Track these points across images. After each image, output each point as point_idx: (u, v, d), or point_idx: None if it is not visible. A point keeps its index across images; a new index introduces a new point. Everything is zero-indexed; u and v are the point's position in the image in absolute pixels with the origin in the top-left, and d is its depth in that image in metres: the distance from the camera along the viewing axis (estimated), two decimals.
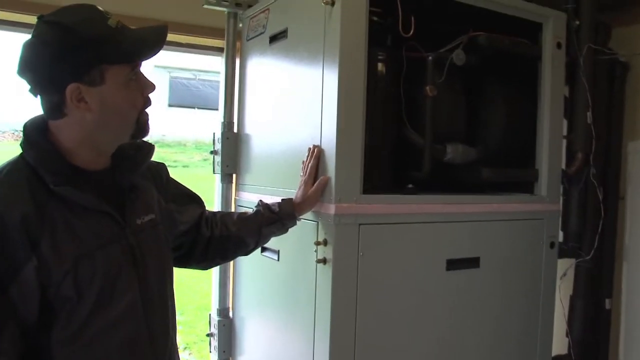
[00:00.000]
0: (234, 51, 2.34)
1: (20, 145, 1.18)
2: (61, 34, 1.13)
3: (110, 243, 1.20)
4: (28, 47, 1.15)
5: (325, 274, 1.67)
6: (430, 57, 1.87)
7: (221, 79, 2.37)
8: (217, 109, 2.47)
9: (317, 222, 1.72)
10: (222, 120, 2.34)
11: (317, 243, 1.68)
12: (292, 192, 1.75)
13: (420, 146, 1.90)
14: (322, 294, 1.68)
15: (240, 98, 2.29)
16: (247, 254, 1.75)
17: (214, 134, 2.35)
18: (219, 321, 2.33)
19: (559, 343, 2.26)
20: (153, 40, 1.23)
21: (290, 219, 1.70)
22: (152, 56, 1.23)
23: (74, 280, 1.13)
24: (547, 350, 2.16)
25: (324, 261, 1.66)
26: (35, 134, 1.19)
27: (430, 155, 1.88)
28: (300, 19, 1.86)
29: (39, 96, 1.18)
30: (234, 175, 2.32)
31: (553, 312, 2.16)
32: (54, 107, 1.17)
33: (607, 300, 2.45)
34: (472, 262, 1.92)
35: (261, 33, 2.10)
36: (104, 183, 1.25)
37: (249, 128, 2.23)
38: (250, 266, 2.18)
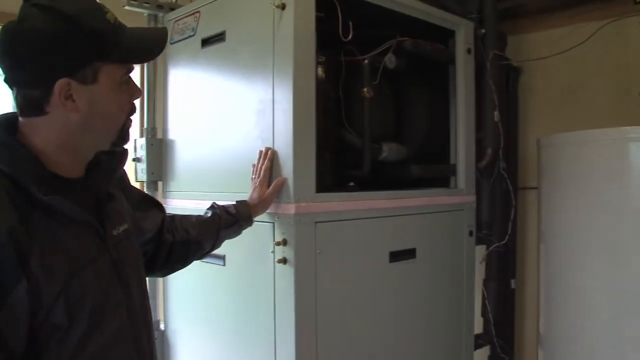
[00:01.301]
0: None
1: None
2: (57, 22, 0.99)
3: (97, 258, 1.09)
4: (12, 31, 0.99)
5: (286, 274, 1.69)
6: (366, 61, 1.96)
7: (142, 84, 2.30)
8: None
9: (274, 223, 1.74)
10: (145, 126, 2.27)
11: (277, 243, 1.70)
12: (231, 195, 1.75)
13: (359, 146, 1.99)
14: (283, 295, 1.70)
15: (164, 103, 2.24)
16: (202, 257, 1.71)
17: (135, 140, 2.27)
18: None
19: (476, 323, 2.46)
20: (153, 42, 1.14)
21: (247, 221, 1.70)
22: (150, 60, 1.15)
23: (66, 303, 0.99)
24: (471, 330, 2.35)
25: (284, 261, 1.69)
26: (4, 135, 1.03)
27: (369, 154, 1.98)
28: (241, 22, 1.86)
29: (15, 89, 1.03)
30: (160, 183, 2.26)
31: (474, 295, 2.35)
32: (34, 103, 1.02)
33: (512, 281, 2.72)
34: (410, 253, 2.04)
35: (190, 36, 2.07)
36: (79, 192, 1.11)
37: (176, 134, 2.18)
38: (185, 274, 2.12)
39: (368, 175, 2.00)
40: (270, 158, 1.72)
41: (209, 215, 1.67)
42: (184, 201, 2.06)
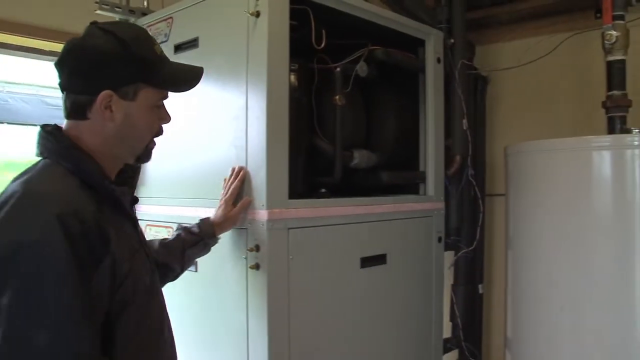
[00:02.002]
0: None
1: (45, 151, 1.17)
2: (114, 43, 1.17)
3: (139, 249, 1.26)
4: (75, 45, 1.18)
5: (259, 279, 1.70)
6: (338, 69, 1.99)
7: None
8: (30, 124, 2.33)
9: (247, 229, 1.75)
10: None
11: (250, 249, 1.71)
12: (202, 202, 1.78)
13: (330, 153, 2.01)
14: (256, 301, 1.71)
15: None
16: (174, 279, 1.70)
17: None
18: None
19: (444, 327, 2.50)
20: (191, 77, 1.35)
21: (211, 238, 1.71)
22: (184, 90, 1.36)
23: (131, 281, 1.16)
24: (440, 334, 2.39)
25: (257, 267, 1.70)
26: (67, 140, 1.19)
27: (341, 161, 2.00)
28: (215, 29, 1.87)
29: (67, 94, 1.19)
30: None
31: (442, 299, 2.39)
32: (80, 107, 1.19)
33: (480, 286, 2.78)
34: (381, 259, 2.07)
35: (163, 42, 2.07)
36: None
37: None
38: None
39: (339, 182, 2.02)
40: (241, 178, 1.73)
41: (172, 238, 1.68)
42: (154, 207, 2.06)
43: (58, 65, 1.19)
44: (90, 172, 1.17)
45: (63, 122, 1.24)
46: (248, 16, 1.71)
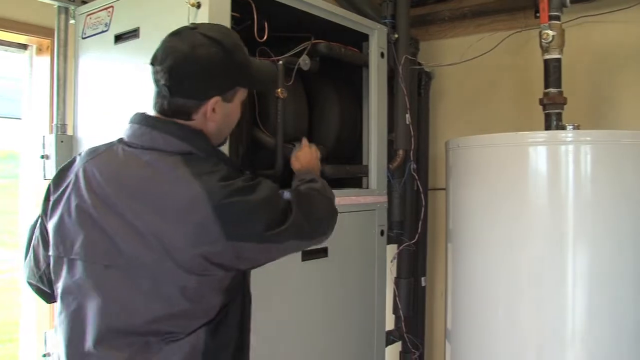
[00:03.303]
0: (66, 49, 2.21)
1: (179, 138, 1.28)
2: (222, 54, 1.30)
3: None
4: (189, 54, 1.27)
5: None
6: (280, 62, 1.99)
7: (52, 78, 2.23)
8: None
9: None
10: (55, 122, 2.20)
11: None
12: None
13: (272, 145, 2.01)
14: None
15: (74, 99, 2.18)
16: None
17: (43, 137, 2.21)
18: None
19: (387, 319, 2.53)
20: (272, 75, 1.58)
21: None
22: (267, 89, 1.74)
23: None
24: (382, 327, 2.42)
25: None
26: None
27: (282, 154, 2.00)
28: (156, 19, 1.85)
29: (170, 97, 1.28)
30: None
31: (385, 292, 2.42)
32: (185, 110, 1.30)
33: (422, 279, 2.82)
34: (322, 252, 2.08)
35: (103, 31, 2.03)
36: None
37: (87, 130, 2.14)
38: None
39: (281, 175, 2.02)
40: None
41: None
42: None
43: (168, 70, 1.26)
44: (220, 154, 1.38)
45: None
46: (189, 7, 1.70)
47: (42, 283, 1.42)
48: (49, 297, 1.44)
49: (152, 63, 1.31)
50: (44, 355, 2.21)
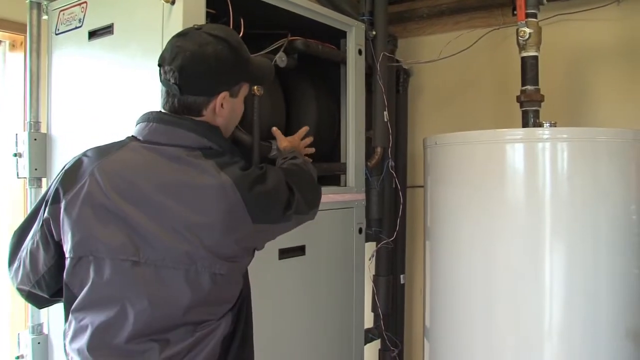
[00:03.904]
0: (39, 45, 2.18)
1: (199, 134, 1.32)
2: (228, 51, 1.35)
3: None
4: (197, 53, 1.31)
5: None
6: None
7: (25, 75, 2.20)
8: None
9: None
10: (28, 119, 2.17)
11: None
12: None
13: (248, 143, 1.99)
14: None
15: (48, 96, 2.15)
16: None
17: (16, 134, 2.17)
18: (33, 339, 2.14)
19: (366, 317, 2.53)
20: (269, 70, 1.58)
21: None
22: (267, 84, 1.72)
23: None
24: (361, 325, 2.42)
25: None
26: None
27: (259, 152, 1.99)
28: (130, 15, 1.83)
29: (180, 94, 1.32)
30: (44, 179, 2.16)
31: (364, 290, 2.42)
32: (195, 107, 1.35)
33: (401, 276, 2.82)
34: (299, 250, 2.08)
35: (77, 27, 2.01)
36: None
37: (61, 128, 2.11)
38: None
39: None
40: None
41: None
42: None
43: (178, 69, 1.30)
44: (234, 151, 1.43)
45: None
46: (163, 3, 1.68)
47: (38, 288, 1.40)
48: (43, 302, 1.45)
49: (161, 64, 1.35)
50: (17, 358, 2.18)
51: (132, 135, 1.38)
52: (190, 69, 1.31)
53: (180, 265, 1.23)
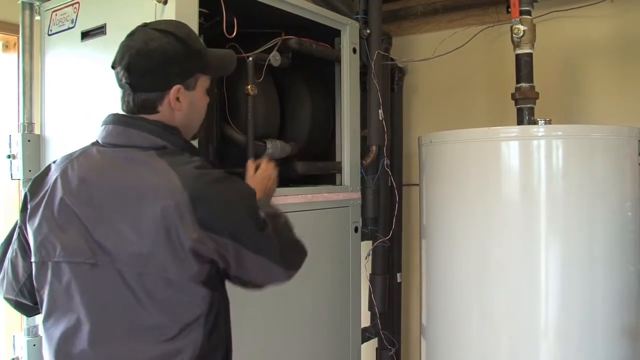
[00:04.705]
0: (32, 46, 2.17)
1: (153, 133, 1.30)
2: (176, 43, 1.32)
3: None
4: (142, 49, 1.29)
5: None
6: (250, 58, 1.97)
7: (18, 76, 2.19)
8: None
9: None
10: (22, 121, 2.16)
11: None
12: None
13: (242, 143, 1.99)
14: None
15: (41, 97, 2.14)
16: None
17: (10, 136, 2.16)
18: (28, 341, 2.13)
19: (363, 316, 2.52)
20: (229, 61, 1.51)
21: None
22: (227, 74, 1.67)
23: None
24: (358, 324, 2.42)
25: None
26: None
27: (253, 152, 1.98)
28: (122, 15, 1.82)
29: (134, 93, 1.31)
30: None
31: (360, 289, 2.42)
32: (150, 103, 1.32)
33: (398, 275, 2.82)
34: None
35: (69, 28, 2.00)
36: None
37: (55, 129, 2.10)
38: None
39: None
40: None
41: None
42: None
43: (126, 68, 1.29)
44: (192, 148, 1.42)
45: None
46: (155, 3, 1.67)
47: (22, 296, 1.41)
48: (30, 310, 1.45)
49: (113, 66, 1.34)
50: None
51: (96, 139, 1.37)
52: (137, 66, 1.30)
53: (133, 268, 1.21)
